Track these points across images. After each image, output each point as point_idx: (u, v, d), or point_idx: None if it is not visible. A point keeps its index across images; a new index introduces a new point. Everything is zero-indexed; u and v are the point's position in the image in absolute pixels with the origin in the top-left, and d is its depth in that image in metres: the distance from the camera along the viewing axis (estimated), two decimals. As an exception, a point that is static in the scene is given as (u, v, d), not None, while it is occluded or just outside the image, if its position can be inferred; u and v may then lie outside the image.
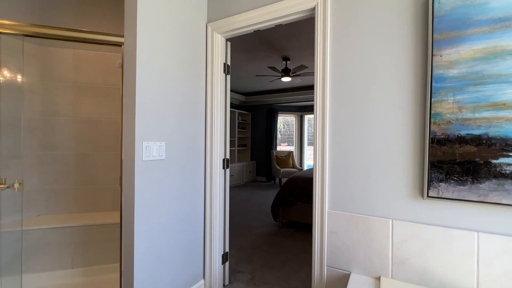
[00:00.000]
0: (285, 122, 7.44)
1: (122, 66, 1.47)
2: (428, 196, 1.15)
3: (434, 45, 1.13)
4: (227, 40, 1.97)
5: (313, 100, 6.45)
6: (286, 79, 4.29)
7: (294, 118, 7.42)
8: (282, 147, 7.40)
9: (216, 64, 1.88)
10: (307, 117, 7.34)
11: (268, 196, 5.26)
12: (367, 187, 1.31)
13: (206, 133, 1.89)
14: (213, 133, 1.87)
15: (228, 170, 2.01)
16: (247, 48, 3.80)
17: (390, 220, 1.24)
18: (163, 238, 1.53)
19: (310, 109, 7.18)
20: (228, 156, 2.00)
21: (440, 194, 1.12)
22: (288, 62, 4.27)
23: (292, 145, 7.41)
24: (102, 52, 2.29)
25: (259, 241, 2.87)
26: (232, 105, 7.14)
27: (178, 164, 1.63)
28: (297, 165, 6.94)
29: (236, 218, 3.72)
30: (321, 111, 1.44)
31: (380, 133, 1.28)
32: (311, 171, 3.79)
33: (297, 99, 6.62)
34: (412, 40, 1.20)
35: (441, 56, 1.12)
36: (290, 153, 6.78)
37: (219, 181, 1.91)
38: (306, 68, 3.83)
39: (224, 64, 1.95)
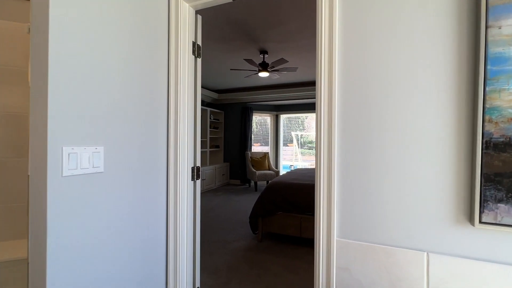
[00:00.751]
0: (257, 122, 7.10)
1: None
2: (481, 222, 0.83)
3: (489, 12, 0.81)
4: (197, 12, 1.52)
5: (291, 99, 6.25)
6: (263, 74, 3.92)
7: (269, 117, 7.10)
8: (255, 148, 7.04)
9: (183, 43, 1.42)
10: (283, 117, 7.07)
11: (244, 201, 4.85)
12: (391, 208, 0.97)
13: (168, 135, 1.42)
14: (178, 135, 1.41)
15: (199, 182, 1.56)
16: (220, 37, 3.36)
17: (425, 253, 0.91)
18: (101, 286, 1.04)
19: (286, 108, 6.92)
20: (198, 164, 1.55)
21: (499, 219, 0.81)
22: (266, 55, 3.90)
23: (266, 146, 7.09)
24: (25, 24, 1.69)
25: (237, 260, 2.45)
26: (203, 103, 6.59)
27: (126, 178, 1.15)
28: (273, 166, 6.63)
29: (209, 231, 3.25)
30: (327, 107, 1.07)
31: (408, 137, 0.94)
32: (292, 175, 3.47)
33: (274, 98, 6.31)
34: (454, 6, 0.88)
35: (499, 28, 0.80)
36: (265, 154, 6.44)
37: (186, 197, 1.45)
38: (286, 62, 3.49)
39: (194, 43, 1.50)
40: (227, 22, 2.94)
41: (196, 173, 1.52)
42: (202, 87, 6.18)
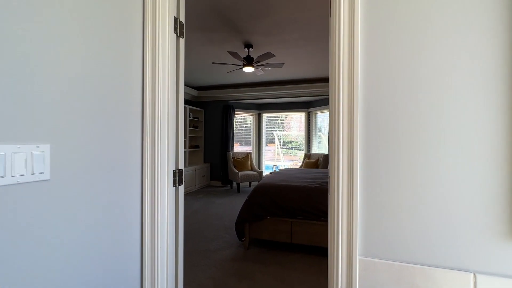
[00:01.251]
0: (239, 120, 6.85)
1: None
2: (545, 235, 0.68)
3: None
4: (179, -19, 1.25)
5: (274, 98, 6.04)
6: (248, 69, 3.69)
7: (251, 116, 6.89)
8: (237, 148, 6.79)
9: (163, 18, 1.15)
10: (266, 116, 6.89)
11: (227, 204, 4.58)
12: (429, 218, 0.79)
13: (144, 131, 1.14)
14: (156, 131, 1.13)
15: (182, 188, 1.30)
16: (202, 26, 3.07)
17: (471, 274, 0.74)
18: None
19: (268, 107, 6.74)
20: (182, 166, 1.29)
21: None
22: (251, 50, 3.68)
23: (248, 146, 6.87)
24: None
25: (223, 272, 2.19)
26: (182, 100, 6.21)
27: (87, 186, 0.86)
28: (256, 167, 6.43)
29: (190, 239, 2.96)
30: (347, 102, 0.87)
31: (450, 135, 0.77)
32: (279, 176, 3.27)
33: (257, 96, 6.10)
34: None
35: None
36: (248, 155, 6.22)
37: (167, 207, 1.18)
38: (272, 56, 3.29)
39: (176, 20, 1.23)
40: (210, 10, 2.68)
41: (178, 177, 1.25)
42: (181, 83, 5.80)
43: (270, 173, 5.75)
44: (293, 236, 2.53)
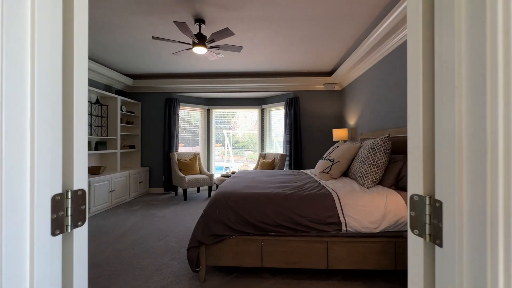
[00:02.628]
0: (183, 118, 5.96)
1: None
2: None
3: None
4: None
5: (227, 91, 5.31)
6: (199, 50, 2.99)
7: (199, 112, 6.09)
8: (182, 148, 5.91)
9: None
10: (215, 112, 6.20)
11: (171, 216, 3.75)
12: None
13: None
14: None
15: (82, 232, 0.59)
16: (138, -18, 2.26)
17: None
18: None
19: (219, 102, 6.07)
20: (84, 184, 0.58)
21: None
22: (203, 26, 2.99)
23: (194, 146, 6.06)
24: None
25: (171, 330, 1.49)
26: (110, 89, 5.02)
27: None
28: (205, 169, 5.68)
29: (122, 276, 2.11)
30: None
31: None
32: (240, 181, 2.68)
33: (208, 88, 5.36)
34: None
35: None
36: (196, 156, 5.43)
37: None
38: (231, 35, 2.69)
39: None
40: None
41: (73, 209, 0.55)
42: (110, 67, 4.64)
43: (223, 175, 5.11)
44: (264, 258, 1.98)
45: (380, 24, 2.85)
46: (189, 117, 5.99)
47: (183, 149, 5.91)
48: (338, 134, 4.49)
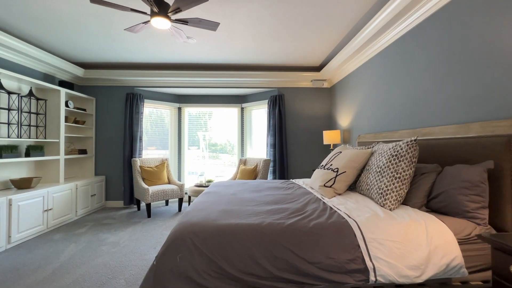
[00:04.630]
0: (151, 115, 5.07)
1: None
2: None
3: None
4: None
5: (201, 87, 4.41)
6: (160, 22, 2.22)
7: (169, 110, 5.24)
8: (148, 152, 5.02)
9: None
10: (189, 110, 5.38)
11: (127, 243, 2.90)
12: None
13: None
14: None
15: None
16: None
17: None
18: None
19: (192, 99, 5.27)
20: None
21: None
22: (166, -8, 2.23)
23: (164, 149, 5.20)
24: None
25: None
26: (54, 81, 4.02)
27: None
28: (175, 178, 4.83)
29: None
30: None
31: None
32: (216, 198, 1.95)
33: (178, 82, 4.54)
34: None
35: None
36: (164, 162, 4.58)
37: None
38: (205, 1, 1.96)
39: None
40: None
41: None
42: (53, 52, 3.66)
43: (197, 185, 4.32)
44: (252, 329, 1.28)
45: (386, 5, 2.30)
46: (158, 115, 5.11)
47: (151, 153, 5.01)
48: (330, 136, 3.93)
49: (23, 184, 3.14)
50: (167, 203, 4.73)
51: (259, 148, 5.14)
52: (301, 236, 1.33)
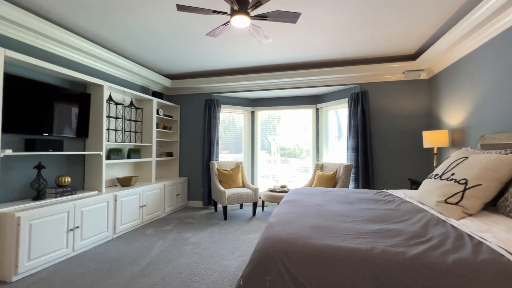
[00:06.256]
0: (224, 121, 5.22)
1: None
2: None
3: None
4: None
5: (275, 89, 4.28)
6: (240, 21, 2.15)
7: (242, 115, 5.32)
8: (224, 156, 5.18)
9: None
10: (261, 114, 5.34)
11: (206, 245, 2.94)
12: None
13: None
14: None
15: None
16: None
17: None
18: None
19: (264, 102, 5.21)
20: None
21: None
22: (245, -11, 2.14)
23: (236, 153, 5.27)
24: None
25: None
26: (148, 92, 4.58)
27: None
28: (249, 181, 4.83)
29: None
30: None
31: None
32: (301, 210, 1.69)
33: (252, 86, 4.55)
34: None
35: None
36: (238, 165, 4.62)
37: None
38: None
39: None
40: None
41: None
42: (146, 66, 4.18)
43: (270, 190, 4.18)
44: None
45: None
46: (231, 120, 5.25)
47: (225, 156, 5.18)
48: (432, 138, 3.17)
49: (125, 182, 3.61)
50: (241, 206, 4.75)
51: (337, 152, 4.65)
52: (437, 277, 0.93)
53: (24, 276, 2.19)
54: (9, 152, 2.23)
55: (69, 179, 2.84)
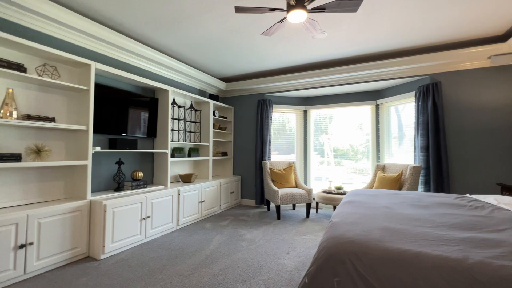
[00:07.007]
0: (275, 121, 5.19)
1: None
2: None
3: None
4: None
5: (330, 85, 3.92)
6: (296, 16, 2.11)
7: (294, 114, 5.24)
8: (275, 156, 5.17)
9: None
10: (314, 112, 5.17)
11: (261, 243, 2.97)
12: None
13: None
14: None
15: None
16: None
17: None
18: None
19: (317, 101, 5.03)
20: None
21: None
22: (301, -17, 2.09)
23: (289, 154, 5.19)
24: None
25: None
26: (205, 95, 4.89)
27: None
28: (301, 182, 4.72)
29: None
30: None
31: None
32: (373, 211, 1.56)
33: (305, 84, 4.45)
34: None
35: None
36: (291, 165, 4.56)
37: None
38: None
39: None
40: None
41: None
42: (203, 71, 4.47)
43: (324, 191, 4.01)
44: None
45: None
46: (282, 120, 5.23)
47: (276, 157, 5.18)
48: (533, 134, 2.58)
49: (186, 179, 3.90)
50: (294, 207, 4.67)
51: (399, 152, 4.19)
52: None
53: (108, 256, 2.54)
54: (98, 149, 2.63)
55: (142, 174, 3.21)
